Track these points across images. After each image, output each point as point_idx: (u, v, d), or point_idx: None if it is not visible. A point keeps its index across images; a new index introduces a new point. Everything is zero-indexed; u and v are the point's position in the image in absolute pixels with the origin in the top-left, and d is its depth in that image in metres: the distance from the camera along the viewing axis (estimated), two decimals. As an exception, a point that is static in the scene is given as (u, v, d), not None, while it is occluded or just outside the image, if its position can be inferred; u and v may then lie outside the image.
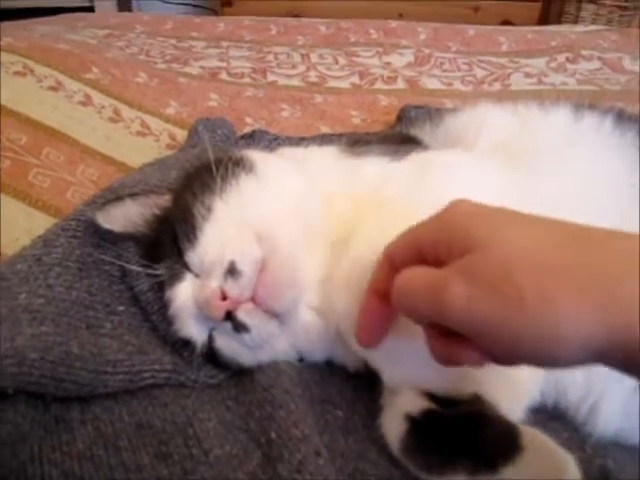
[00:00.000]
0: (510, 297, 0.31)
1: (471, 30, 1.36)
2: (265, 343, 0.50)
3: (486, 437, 0.43)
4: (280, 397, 0.48)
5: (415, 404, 0.46)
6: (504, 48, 1.29)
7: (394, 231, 0.42)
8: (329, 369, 0.55)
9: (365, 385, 0.52)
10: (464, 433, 0.43)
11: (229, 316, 0.48)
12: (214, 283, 0.48)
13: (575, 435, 0.49)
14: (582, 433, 0.49)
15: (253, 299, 0.48)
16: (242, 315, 0.48)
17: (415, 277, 0.36)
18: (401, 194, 0.51)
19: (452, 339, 0.35)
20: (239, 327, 0.48)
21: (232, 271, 0.47)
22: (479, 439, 0.43)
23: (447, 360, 0.37)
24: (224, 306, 0.47)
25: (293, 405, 0.47)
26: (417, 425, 0.45)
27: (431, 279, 0.35)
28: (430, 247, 0.37)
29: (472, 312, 0.32)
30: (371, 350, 0.45)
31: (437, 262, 0.36)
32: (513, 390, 0.47)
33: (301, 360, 0.54)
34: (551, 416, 0.50)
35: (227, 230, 0.50)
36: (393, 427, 0.46)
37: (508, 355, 0.33)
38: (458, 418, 0.44)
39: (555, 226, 0.34)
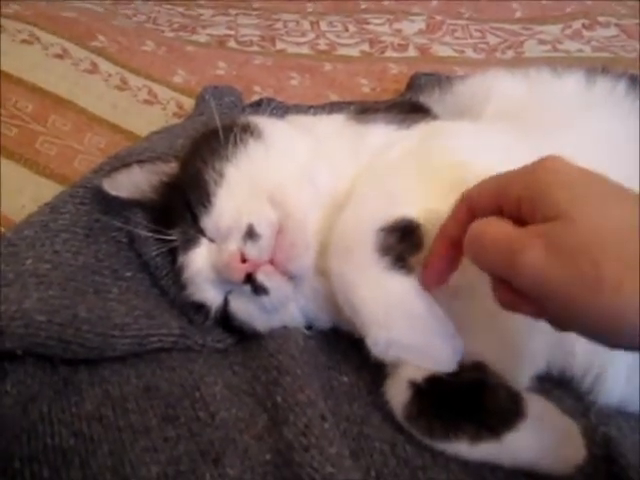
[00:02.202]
0: (588, 276, 0.31)
1: (484, -4, 1.32)
2: (281, 306, 0.51)
3: (489, 403, 0.43)
4: (286, 362, 0.49)
5: (419, 371, 0.46)
6: (518, 14, 1.25)
7: (387, 196, 0.42)
8: (335, 336, 0.55)
9: (369, 351, 0.52)
10: (467, 400, 0.44)
11: (248, 279, 0.49)
12: (233, 246, 0.49)
13: (579, 403, 0.49)
14: (586, 401, 0.49)
15: (271, 261, 0.49)
16: (261, 277, 0.49)
17: (492, 232, 0.36)
18: (400, 160, 0.51)
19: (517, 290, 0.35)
20: (258, 289, 0.49)
21: (251, 234, 0.48)
22: (482, 405, 0.43)
23: (508, 306, 0.37)
24: (244, 268, 0.48)
25: (299, 370, 0.48)
26: (421, 391, 0.45)
27: (509, 238, 0.34)
28: (514, 201, 0.36)
29: (546, 280, 0.32)
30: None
31: (518, 218, 0.36)
32: (518, 359, 0.47)
33: (309, 328, 0.55)
34: (556, 384, 0.50)
35: (241, 195, 0.51)
36: (397, 393, 0.47)
37: (567, 325, 0.33)
38: (462, 385, 0.44)
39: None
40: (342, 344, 0.54)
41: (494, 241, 0.35)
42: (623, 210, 0.33)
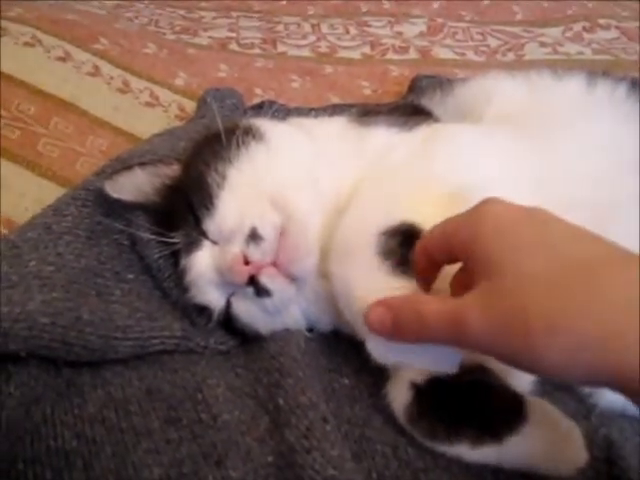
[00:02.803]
0: (520, 324, 0.32)
1: (485, -1, 1.33)
2: (283, 308, 0.52)
3: (491, 406, 0.43)
4: (288, 365, 0.49)
5: (420, 373, 0.46)
6: (518, 17, 1.26)
7: (389, 201, 0.42)
8: (336, 339, 0.55)
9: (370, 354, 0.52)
10: (469, 402, 0.44)
11: (251, 281, 0.49)
12: (236, 249, 0.49)
13: (580, 406, 0.49)
14: (587, 404, 0.49)
15: (274, 264, 0.49)
16: (265, 279, 0.49)
17: (434, 309, 0.37)
18: (401, 164, 0.51)
19: None
20: (261, 291, 0.49)
21: (254, 236, 0.49)
22: (484, 408, 0.43)
23: None
24: (247, 270, 0.49)
25: (301, 373, 0.48)
26: (422, 394, 0.45)
27: (448, 312, 0.36)
28: (460, 248, 0.38)
29: (490, 336, 0.34)
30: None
31: (465, 265, 0.38)
32: None
33: (310, 330, 0.55)
34: (557, 387, 0.50)
35: (243, 197, 0.51)
36: (398, 395, 0.47)
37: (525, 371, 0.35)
38: (463, 387, 0.44)
39: (574, 251, 0.34)
40: (343, 346, 0.54)
41: (435, 320, 0.37)
42: (544, 258, 0.34)
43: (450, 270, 0.41)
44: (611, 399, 0.49)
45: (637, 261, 0.32)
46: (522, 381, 0.47)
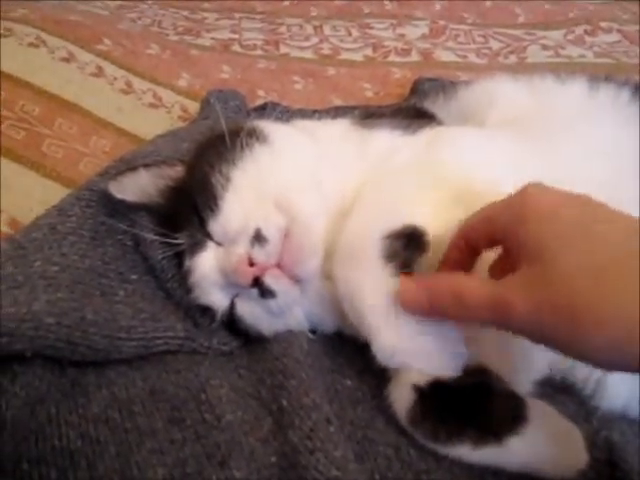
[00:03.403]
0: (568, 318, 0.33)
1: (487, 1, 1.33)
2: (287, 309, 0.52)
3: (492, 408, 0.43)
4: (291, 366, 0.49)
5: (423, 375, 0.46)
6: (520, 20, 1.26)
7: (393, 204, 0.42)
8: (338, 340, 0.55)
9: (374, 356, 0.52)
10: (471, 404, 0.44)
11: (256, 282, 0.49)
12: (241, 250, 0.49)
13: (581, 408, 0.49)
14: (589, 406, 0.49)
15: (278, 265, 0.49)
16: (269, 280, 0.49)
17: (471, 292, 0.38)
18: (405, 167, 0.51)
19: None
20: (266, 293, 0.50)
21: (258, 238, 0.49)
22: (485, 410, 0.43)
23: None
24: (252, 272, 0.49)
25: (304, 374, 0.48)
26: (424, 395, 0.45)
27: (491, 297, 0.36)
28: (501, 233, 0.38)
29: (536, 329, 0.35)
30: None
31: (507, 248, 0.39)
32: (521, 364, 0.48)
33: (313, 332, 0.55)
34: (558, 389, 0.50)
35: (248, 199, 0.51)
36: (401, 397, 0.47)
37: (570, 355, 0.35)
38: (465, 389, 0.44)
39: (620, 240, 0.34)
40: (346, 348, 0.55)
41: (476, 301, 0.37)
42: (596, 245, 0.34)
43: (488, 257, 0.42)
44: (612, 401, 0.49)
45: None
46: (523, 383, 0.47)
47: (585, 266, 0.34)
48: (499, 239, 0.39)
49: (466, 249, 0.42)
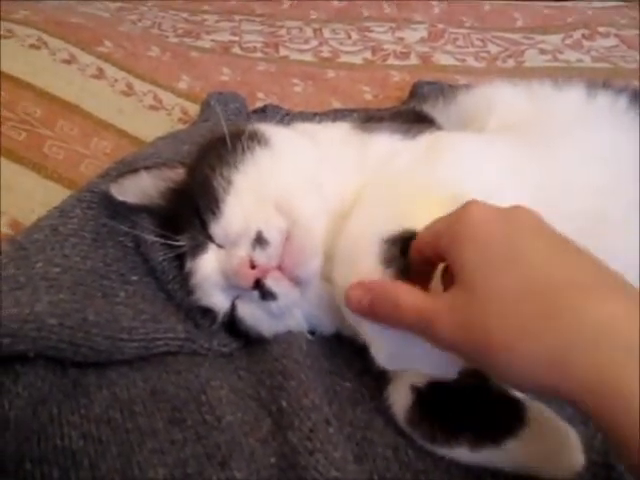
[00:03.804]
0: (482, 343, 0.35)
1: (486, 5, 1.33)
2: (288, 311, 0.52)
3: (490, 410, 0.44)
4: (291, 367, 0.49)
5: (421, 377, 0.47)
6: (519, 24, 1.27)
7: (391, 208, 0.43)
8: (337, 341, 0.56)
9: (372, 358, 0.53)
10: (469, 406, 0.44)
11: (257, 284, 0.50)
12: (242, 252, 0.50)
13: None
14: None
15: (279, 267, 0.50)
16: (270, 283, 0.50)
17: (405, 299, 0.40)
18: (404, 172, 0.52)
19: None
20: (267, 295, 0.50)
21: (260, 240, 0.49)
22: (483, 412, 0.44)
23: None
24: (253, 274, 0.49)
25: (303, 375, 0.48)
26: (423, 397, 0.46)
27: (421, 308, 0.38)
28: (442, 249, 0.40)
29: (454, 346, 0.37)
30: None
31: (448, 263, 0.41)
32: None
33: (312, 333, 0.55)
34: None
35: (249, 202, 0.52)
36: (399, 398, 0.47)
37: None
38: (463, 391, 0.45)
39: (545, 272, 0.35)
40: (344, 349, 0.55)
41: (407, 312, 0.39)
42: (512, 276, 0.35)
43: (442, 268, 0.43)
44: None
45: (626, 294, 0.33)
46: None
47: (505, 295, 0.35)
48: (441, 255, 0.40)
49: (423, 260, 0.43)
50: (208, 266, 0.52)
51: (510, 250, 0.36)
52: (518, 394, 0.45)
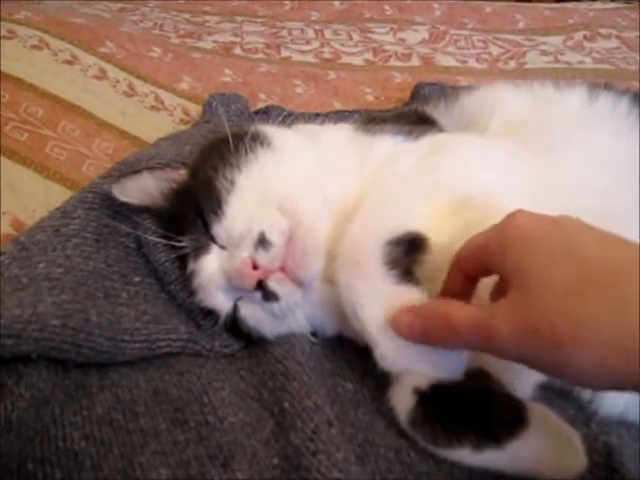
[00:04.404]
0: (548, 337, 0.34)
1: (487, 7, 1.34)
2: (290, 313, 0.52)
3: (493, 412, 0.44)
4: (293, 369, 0.49)
5: (424, 378, 0.47)
6: (520, 25, 1.27)
7: (394, 210, 0.43)
8: (339, 343, 0.56)
9: (375, 360, 0.53)
10: (471, 408, 0.44)
11: (259, 285, 0.50)
12: (244, 253, 0.50)
13: (580, 412, 0.49)
14: (587, 410, 0.50)
15: (282, 269, 0.50)
16: (273, 284, 0.50)
17: (459, 316, 0.39)
18: (407, 174, 0.52)
19: None
20: (269, 296, 0.50)
21: (262, 242, 0.49)
22: (486, 414, 0.44)
23: None
24: (256, 275, 0.49)
25: (306, 377, 0.48)
26: (425, 398, 0.46)
27: (477, 322, 0.38)
28: (490, 261, 0.40)
29: (520, 354, 0.36)
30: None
31: (498, 275, 0.41)
32: (522, 368, 0.48)
33: (314, 335, 0.55)
34: (558, 393, 0.50)
35: (252, 203, 0.52)
36: (402, 400, 0.47)
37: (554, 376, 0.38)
38: (466, 393, 0.45)
39: (599, 257, 0.35)
40: (346, 351, 0.55)
41: (463, 326, 0.39)
42: (569, 266, 0.35)
43: (487, 283, 0.43)
44: (611, 406, 0.50)
45: None
46: (523, 387, 0.47)
47: (564, 286, 0.34)
48: (490, 267, 0.40)
49: (464, 278, 0.43)
50: (210, 267, 0.52)
51: (562, 245, 0.36)
52: (520, 396, 0.45)
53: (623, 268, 0.34)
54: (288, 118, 0.77)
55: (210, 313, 0.54)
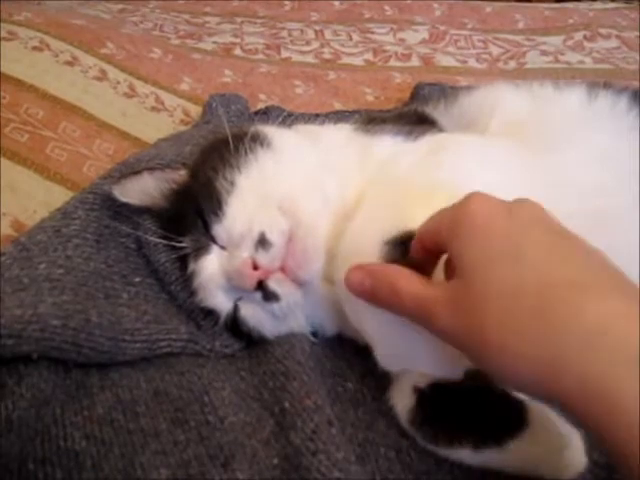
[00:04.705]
0: (478, 337, 0.34)
1: (487, 7, 1.34)
2: (290, 312, 0.52)
3: (493, 411, 0.44)
4: (293, 369, 0.49)
5: (424, 377, 0.47)
6: (520, 25, 1.27)
7: (393, 210, 0.43)
8: (339, 343, 0.56)
9: (374, 358, 0.53)
10: (471, 407, 0.44)
11: (260, 286, 0.50)
12: (245, 253, 0.50)
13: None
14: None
15: (282, 269, 0.50)
16: (273, 284, 0.50)
17: (406, 286, 0.39)
18: (406, 174, 0.52)
19: None
20: (269, 296, 0.50)
21: (262, 242, 0.49)
22: (486, 413, 0.44)
23: None
24: (256, 275, 0.49)
25: (306, 377, 0.48)
26: (425, 398, 0.46)
27: (421, 297, 0.38)
28: (443, 241, 0.39)
29: (453, 338, 0.37)
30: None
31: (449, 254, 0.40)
32: None
33: (315, 335, 0.55)
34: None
35: (252, 204, 0.52)
36: (402, 399, 0.47)
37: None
38: (466, 392, 0.45)
39: (544, 270, 0.34)
40: (346, 351, 0.55)
41: (406, 299, 0.39)
42: (510, 270, 0.35)
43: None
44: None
45: (627, 293, 0.32)
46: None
47: (501, 288, 0.34)
48: (443, 247, 0.40)
49: (425, 252, 0.42)
50: (211, 267, 0.52)
51: (510, 246, 0.35)
52: (520, 395, 0.45)
53: (562, 284, 0.33)
54: (288, 119, 0.77)
55: (210, 313, 0.54)
